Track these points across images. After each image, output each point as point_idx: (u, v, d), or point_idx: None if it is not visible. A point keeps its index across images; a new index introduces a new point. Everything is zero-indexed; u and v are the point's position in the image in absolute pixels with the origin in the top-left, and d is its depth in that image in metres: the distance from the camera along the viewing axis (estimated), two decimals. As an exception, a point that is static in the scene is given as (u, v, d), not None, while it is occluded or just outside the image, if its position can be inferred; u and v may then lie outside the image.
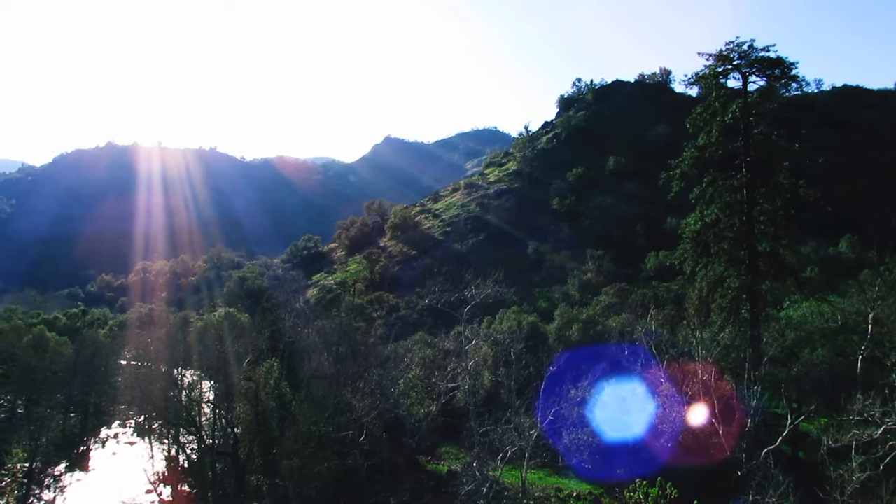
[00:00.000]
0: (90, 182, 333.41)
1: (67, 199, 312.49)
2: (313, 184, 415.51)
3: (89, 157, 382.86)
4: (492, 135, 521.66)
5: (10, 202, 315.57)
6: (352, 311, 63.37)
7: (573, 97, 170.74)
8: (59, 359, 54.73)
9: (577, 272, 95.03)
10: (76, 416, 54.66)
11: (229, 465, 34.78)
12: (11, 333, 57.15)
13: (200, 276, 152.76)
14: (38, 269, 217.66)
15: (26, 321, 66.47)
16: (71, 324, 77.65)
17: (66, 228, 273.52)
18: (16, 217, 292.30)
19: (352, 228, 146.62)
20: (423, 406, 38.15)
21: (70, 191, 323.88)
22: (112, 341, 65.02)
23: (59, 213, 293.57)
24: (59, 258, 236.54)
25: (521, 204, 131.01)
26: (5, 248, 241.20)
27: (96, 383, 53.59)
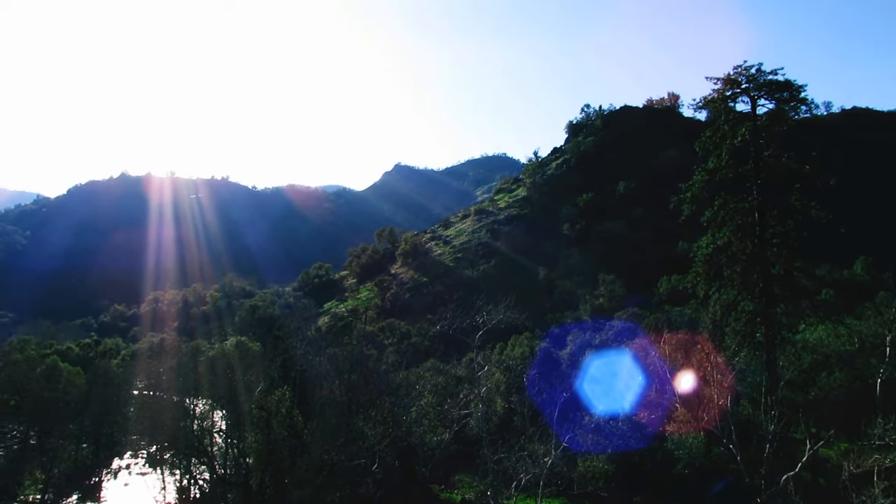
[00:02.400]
0: (103, 213, 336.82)
1: (81, 230, 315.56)
2: (324, 212, 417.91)
3: (103, 188, 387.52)
4: (501, 161, 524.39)
5: (24, 234, 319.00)
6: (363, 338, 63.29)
7: (582, 123, 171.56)
8: (72, 389, 54.74)
9: (589, 297, 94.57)
10: (88, 446, 54.51)
11: (241, 495, 34.50)
12: (25, 364, 57.28)
13: (212, 305, 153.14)
14: (52, 300, 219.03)
15: (39, 352, 66.74)
16: (84, 354, 77.89)
17: (80, 259, 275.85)
18: (30, 248, 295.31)
19: (363, 256, 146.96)
20: (436, 434, 37.77)
21: (83, 222, 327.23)
22: (124, 371, 65.05)
23: (72, 244, 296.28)
24: (72, 289, 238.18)
25: (532, 229, 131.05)
26: (20, 279, 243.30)
27: (109, 413, 53.49)
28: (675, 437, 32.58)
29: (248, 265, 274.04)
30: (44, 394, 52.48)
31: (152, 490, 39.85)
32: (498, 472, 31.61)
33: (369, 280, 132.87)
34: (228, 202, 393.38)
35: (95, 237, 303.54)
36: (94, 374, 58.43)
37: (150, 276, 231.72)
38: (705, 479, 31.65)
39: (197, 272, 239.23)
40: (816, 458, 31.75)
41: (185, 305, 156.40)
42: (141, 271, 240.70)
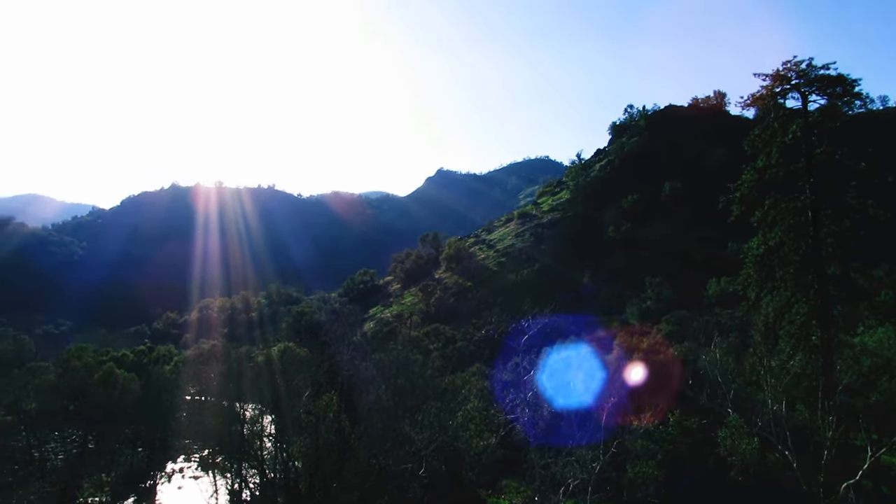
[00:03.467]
0: (154, 223, 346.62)
1: (133, 240, 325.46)
2: (367, 218, 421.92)
3: (154, 199, 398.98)
4: (544, 164, 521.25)
5: (81, 244, 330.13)
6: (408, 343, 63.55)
7: (625, 123, 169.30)
8: (128, 395, 56.29)
9: (636, 300, 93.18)
10: (143, 450, 55.96)
11: (290, 499, 34.94)
12: (83, 371, 59.10)
13: (259, 311, 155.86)
14: (107, 308, 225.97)
15: (96, 358, 68.72)
16: (138, 361, 79.90)
17: (133, 268, 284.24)
18: (87, 259, 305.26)
19: (407, 261, 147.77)
20: (482, 438, 37.65)
21: (135, 231, 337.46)
22: (177, 377, 66.58)
23: (125, 254, 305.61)
24: (126, 297, 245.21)
25: (576, 232, 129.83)
26: (78, 288, 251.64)
27: (162, 418, 54.82)
28: (726, 442, 31.82)
29: (293, 272, 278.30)
30: (101, 399, 54.11)
31: (204, 493, 40.59)
32: (545, 477, 31.32)
33: (414, 285, 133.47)
34: (273, 210, 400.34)
35: (147, 246, 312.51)
36: (148, 380, 59.99)
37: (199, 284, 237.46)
38: (760, 487, 30.80)
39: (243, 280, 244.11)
40: (878, 466, 30.61)
41: (233, 312, 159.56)
42: (190, 279, 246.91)
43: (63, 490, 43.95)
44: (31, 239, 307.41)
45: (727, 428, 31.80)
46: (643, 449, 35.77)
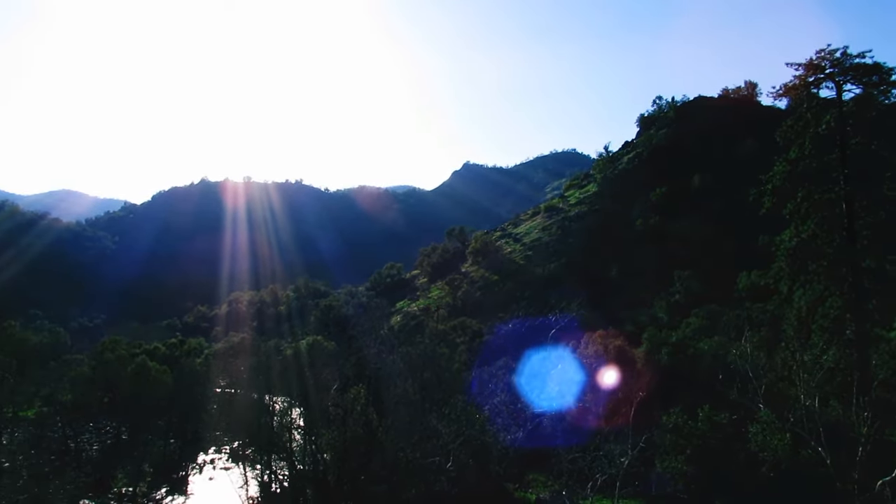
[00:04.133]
0: (184, 217, 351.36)
1: (164, 235, 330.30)
2: (394, 212, 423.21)
3: (183, 194, 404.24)
4: (571, 157, 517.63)
5: (114, 239, 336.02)
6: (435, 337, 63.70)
7: (654, 115, 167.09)
8: (160, 387, 57.25)
9: (664, 294, 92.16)
10: (175, 442, 56.88)
11: (319, 491, 35.33)
12: (116, 363, 60.28)
13: (288, 305, 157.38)
14: (140, 302, 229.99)
15: (129, 351, 70.01)
16: (170, 353, 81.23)
17: (163, 262, 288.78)
18: (119, 253, 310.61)
19: (433, 255, 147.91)
20: (510, 432, 37.68)
21: (166, 226, 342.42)
22: (207, 370, 67.58)
23: (156, 248, 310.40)
24: (157, 291, 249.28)
25: (604, 226, 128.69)
26: (111, 282, 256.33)
27: (194, 410, 55.69)
28: (758, 438, 31.38)
29: (321, 266, 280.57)
30: (134, 391, 55.13)
31: (235, 484, 41.22)
32: (573, 472, 31.23)
33: (440, 279, 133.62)
34: (301, 204, 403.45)
35: (177, 241, 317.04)
36: (180, 373, 60.95)
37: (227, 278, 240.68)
38: (793, 483, 30.34)
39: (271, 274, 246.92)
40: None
41: (261, 306, 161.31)
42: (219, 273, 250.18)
43: (98, 480, 44.95)
44: (66, 234, 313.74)
45: (758, 423, 31.36)
46: (672, 444, 35.44)
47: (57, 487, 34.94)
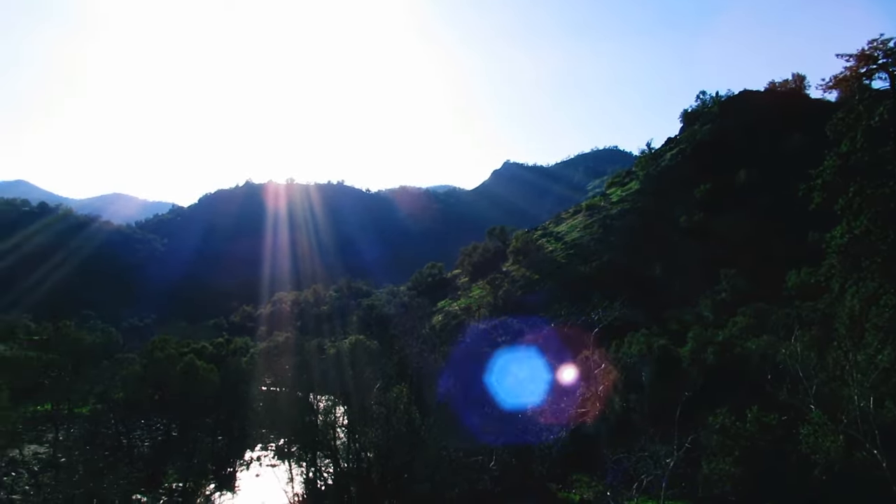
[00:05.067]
0: (228, 219, 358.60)
1: (209, 236, 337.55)
2: (434, 212, 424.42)
3: (228, 196, 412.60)
4: (612, 154, 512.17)
5: (163, 241, 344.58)
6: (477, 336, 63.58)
7: (697, 110, 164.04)
8: (208, 385, 58.53)
9: (710, 292, 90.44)
10: (223, 439, 58.09)
11: (363, 489, 35.65)
12: (166, 362, 61.80)
13: (330, 305, 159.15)
14: (188, 302, 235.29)
15: (178, 350, 71.67)
16: (217, 352, 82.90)
17: (209, 263, 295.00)
18: (167, 254, 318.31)
19: (474, 254, 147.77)
20: (552, 432, 37.45)
21: (211, 228, 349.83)
22: (253, 368, 68.84)
23: (202, 249, 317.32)
24: (204, 291, 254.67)
25: (646, 223, 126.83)
26: (160, 283, 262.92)
27: (240, 408, 56.78)
28: (809, 440, 30.59)
29: (362, 266, 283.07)
30: (183, 389, 56.46)
31: (281, 481, 41.87)
32: (617, 473, 30.89)
33: (481, 278, 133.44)
34: (342, 205, 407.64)
35: (222, 242, 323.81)
36: (227, 371, 62.21)
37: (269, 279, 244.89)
38: (846, 486, 29.49)
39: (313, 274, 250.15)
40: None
41: (305, 306, 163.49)
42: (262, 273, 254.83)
43: (149, 475, 46.17)
44: (116, 236, 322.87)
45: (810, 425, 30.57)
46: (719, 445, 34.79)
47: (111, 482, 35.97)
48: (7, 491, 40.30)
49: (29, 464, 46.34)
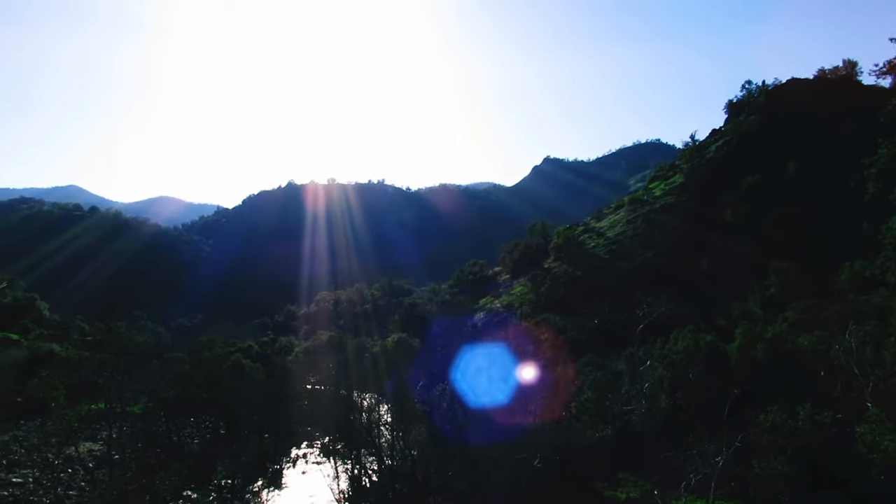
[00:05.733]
0: (270, 220, 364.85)
1: (252, 237, 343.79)
2: (475, 209, 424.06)
3: (271, 197, 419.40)
4: (655, 148, 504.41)
5: (208, 242, 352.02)
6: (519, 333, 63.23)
7: (743, 101, 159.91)
8: (254, 384, 59.48)
9: (758, 287, 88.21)
10: (270, 437, 58.93)
11: (408, 486, 35.78)
12: (213, 361, 63.01)
13: (373, 303, 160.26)
14: (233, 302, 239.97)
15: (225, 350, 72.97)
16: (262, 351, 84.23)
17: (252, 264, 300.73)
18: (213, 255, 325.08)
19: (515, 251, 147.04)
20: (597, 430, 37.01)
21: (255, 229, 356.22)
22: (298, 367, 69.70)
23: (246, 250, 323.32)
24: (248, 291, 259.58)
25: (691, 218, 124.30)
26: (206, 283, 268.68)
27: (286, 406, 57.53)
28: (866, 438, 29.53)
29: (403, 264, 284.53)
30: (230, 388, 57.49)
31: (327, 479, 42.28)
32: (665, 471, 30.32)
33: (523, 275, 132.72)
34: (383, 204, 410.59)
35: (264, 243, 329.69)
36: (272, 370, 63.13)
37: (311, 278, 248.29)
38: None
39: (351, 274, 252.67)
40: None
41: (348, 304, 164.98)
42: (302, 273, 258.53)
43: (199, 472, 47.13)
44: (164, 238, 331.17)
45: (866, 423, 29.53)
46: (770, 444, 33.84)
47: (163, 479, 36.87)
48: (64, 487, 41.61)
49: (84, 461, 47.75)
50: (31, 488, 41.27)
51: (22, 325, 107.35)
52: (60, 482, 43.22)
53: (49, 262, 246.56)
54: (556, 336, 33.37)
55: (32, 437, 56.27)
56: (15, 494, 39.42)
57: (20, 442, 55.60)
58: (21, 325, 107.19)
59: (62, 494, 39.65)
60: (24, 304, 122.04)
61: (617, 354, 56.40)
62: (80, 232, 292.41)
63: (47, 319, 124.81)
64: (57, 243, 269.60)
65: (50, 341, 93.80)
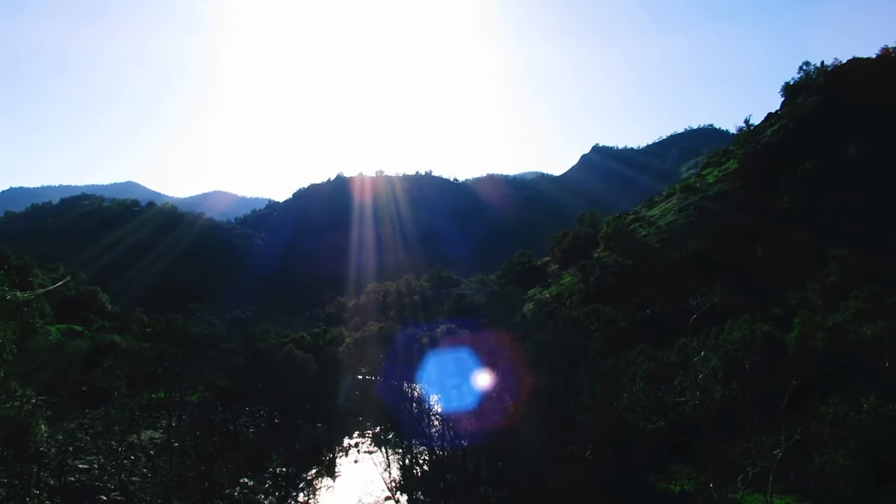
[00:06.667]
0: (319, 213, 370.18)
1: (302, 230, 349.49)
2: (522, 200, 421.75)
3: (320, 190, 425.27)
4: (708, 133, 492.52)
5: (260, 236, 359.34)
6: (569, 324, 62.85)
7: (801, 83, 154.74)
8: (306, 374, 60.52)
9: (818, 275, 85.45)
10: (322, 426, 59.91)
11: (459, 476, 35.90)
12: (267, 352, 64.39)
13: (422, 294, 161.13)
14: (285, 294, 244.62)
15: (278, 340, 74.53)
16: (314, 342, 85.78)
17: (302, 256, 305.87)
18: (265, 248, 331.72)
19: (564, 241, 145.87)
20: (650, 421, 36.45)
21: (305, 221, 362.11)
22: (349, 357, 70.68)
23: (296, 242, 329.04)
24: (298, 283, 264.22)
25: (746, 205, 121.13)
26: (259, 276, 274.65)
27: (338, 396, 58.40)
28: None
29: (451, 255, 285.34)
30: (283, 378, 58.64)
31: (378, 468, 42.75)
32: (720, 464, 29.73)
33: (572, 265, 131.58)
34: (430, 195, 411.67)
35: (313, 235, 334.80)
36: (324, 360, 64.15)
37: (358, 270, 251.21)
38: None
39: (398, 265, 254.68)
40: None
41: (398, 295, 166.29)
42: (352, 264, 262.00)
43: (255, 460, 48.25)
44: (218, 232, 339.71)
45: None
46: (832, 436, 32.82)
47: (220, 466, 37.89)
48: (127, 473, 43.13)
49: (146, 448, 49.44)
50: (96, 474, 42.90)
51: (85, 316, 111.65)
52: (123, 468, 44.80)
53: (108, 256, 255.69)
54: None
55: (97, 425, 58.45)
56: (81, 480, 41.04)
57: (85, 429, 57.83)
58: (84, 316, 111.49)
59: (126, 480, 41.11)
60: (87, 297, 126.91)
61: (669, 345, 55.45)
62: (138, 226, 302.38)
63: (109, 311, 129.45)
64: (115, 237, 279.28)
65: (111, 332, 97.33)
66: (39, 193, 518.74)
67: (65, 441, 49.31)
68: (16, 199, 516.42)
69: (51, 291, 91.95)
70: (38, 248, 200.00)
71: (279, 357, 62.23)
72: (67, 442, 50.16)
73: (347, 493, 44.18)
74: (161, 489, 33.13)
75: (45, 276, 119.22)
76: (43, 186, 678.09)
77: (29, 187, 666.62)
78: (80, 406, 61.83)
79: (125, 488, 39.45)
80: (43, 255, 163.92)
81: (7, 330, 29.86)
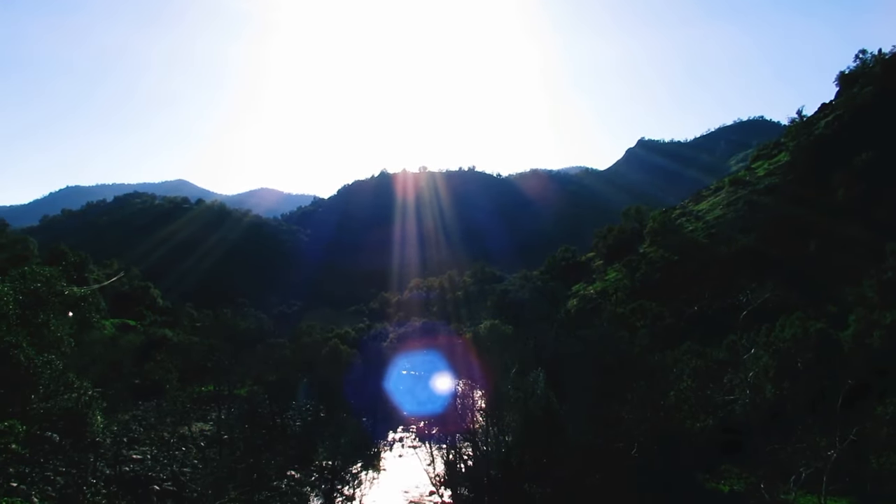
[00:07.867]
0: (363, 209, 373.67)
1: (346, 226, 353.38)
2: (566, 195, 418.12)
3: (365, 187, 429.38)
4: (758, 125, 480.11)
5: (306, 232, 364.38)
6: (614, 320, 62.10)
7: (856, 72, 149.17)
8: (351, 368, 61.22)
9: (874, 271, 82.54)
10: (367, 420, 60.56)
11: (502, 472, 35.88)
12: (313, 347, 65.34)
13: (465, 290, 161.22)
14: (330, 289, 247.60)
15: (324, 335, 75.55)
16: (359, 337, 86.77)
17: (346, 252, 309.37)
18: (311, 244, 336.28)
19: (608, 236, 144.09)
20: (698, 420, 35.82)
21: (350, 217, 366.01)
22: (393, 352, 71.18)
23: (341, 238, 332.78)
24: (342, 278, 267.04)
25: (798, 199, 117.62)
26: (305, 271, 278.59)
27: (382, 391, 58.93)
28: None
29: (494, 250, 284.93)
30: (328, 372, 59.45)
31: (422, 462, 43.02)
32: (772, 464, 29.03)
33: (616, 261, 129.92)
34: (473, 191, 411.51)
35: (357, 231, 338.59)
36: (368, 355, 64.78)
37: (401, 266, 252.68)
38: None
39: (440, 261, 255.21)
40: None
41: (441, 291, 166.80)
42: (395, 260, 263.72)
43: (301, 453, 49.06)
44: (265, 228, 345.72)
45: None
46: (889, 437, 31.76)
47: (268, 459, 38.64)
48: (179, 464, 44.34)
49: (196, 440, 50.71)
50: (149, 464, 44.20)
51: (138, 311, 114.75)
52: (175, 459, 46.06)
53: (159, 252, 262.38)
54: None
55: (150, 417, 60.21)
56: (135, 469, 42.33)
57: (139, 421, 59.60)
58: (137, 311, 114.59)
59: (177, 471, 42.27)
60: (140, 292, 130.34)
61: (717, 342, 54.33)
62: (187, 223, 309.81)
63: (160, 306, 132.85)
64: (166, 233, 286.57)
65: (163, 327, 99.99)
66: (94, 192, 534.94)
67: (119, 432, 50.94)
68: (72, 198, 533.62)
69: (105, 287, 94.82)
70: (93, 244, 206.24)
71: (324, 352, 63.04)
72: (122, 433, 51.81)
73: (392, 487, 44.64)
74: (211, 480, 33.93)
75: (101, 271, 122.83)
76: (98, 185, 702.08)
77: (84, 186, 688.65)
78: (133, 398, 63.73)
79: (177, 478, 40.55)
80: (98, 252, 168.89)
81: (65, 324, 30.98)
